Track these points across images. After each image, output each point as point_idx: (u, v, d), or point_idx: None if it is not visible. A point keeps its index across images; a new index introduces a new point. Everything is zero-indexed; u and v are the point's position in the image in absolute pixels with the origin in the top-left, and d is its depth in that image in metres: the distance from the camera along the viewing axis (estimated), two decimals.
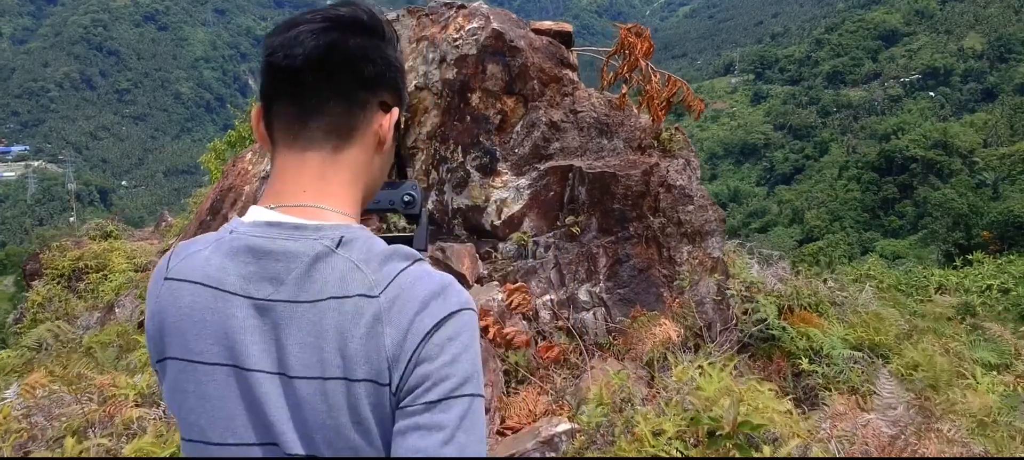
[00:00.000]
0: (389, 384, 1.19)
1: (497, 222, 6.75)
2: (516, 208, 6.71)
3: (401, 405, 1.19)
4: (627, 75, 6.36)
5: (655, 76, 6.14)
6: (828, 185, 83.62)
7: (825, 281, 10.66)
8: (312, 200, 1.29)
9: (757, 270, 9.72)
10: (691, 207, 6.89)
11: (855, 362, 7.87)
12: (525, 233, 6.75)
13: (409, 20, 7.20)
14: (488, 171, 6.76)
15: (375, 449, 1.21)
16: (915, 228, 72.45)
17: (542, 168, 6.68)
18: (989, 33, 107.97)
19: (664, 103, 6.11)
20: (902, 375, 7.72)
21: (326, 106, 1.29)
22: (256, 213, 1.29)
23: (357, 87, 1.30)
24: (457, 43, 6.74)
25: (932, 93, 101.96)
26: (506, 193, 6.75)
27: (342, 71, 1.28)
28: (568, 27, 6.98)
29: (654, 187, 6.73)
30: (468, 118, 6.83)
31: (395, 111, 1.37)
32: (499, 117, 6.76)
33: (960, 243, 58.56)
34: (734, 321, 7.60)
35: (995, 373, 8.40)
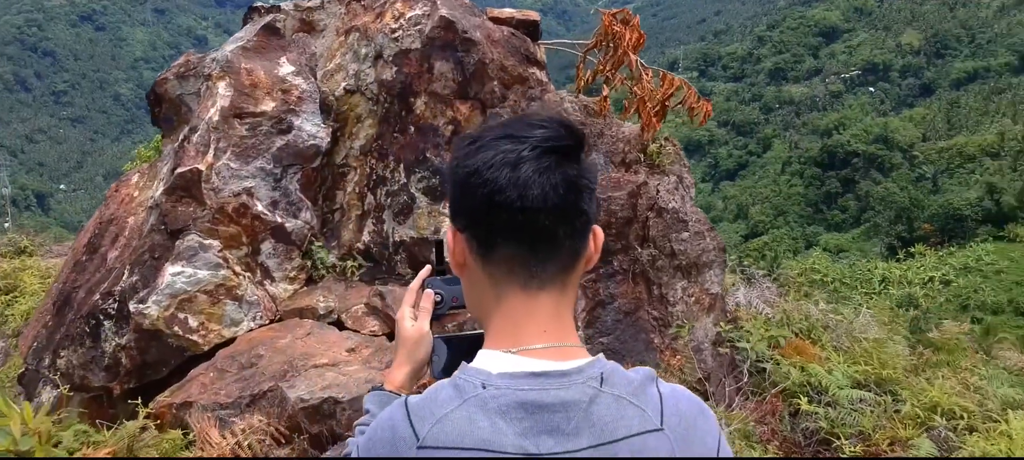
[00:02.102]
0: None
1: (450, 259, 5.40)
2: None
3: None
4: (610, 73, 5.07)
5: (647, 74, 4.87)
6: (772, 181, 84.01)
7: (817, 303, 9.59)
8: (554, 340, 1.29)
9: (743, 292, 8.58)
10: (686, 234, 5.65)
11: (862, 402, 6.74)
12: None
13: (336, 7, 5.83)
14: (438, 195, 5.40)
15: None
16: (858, 222, 73.23)
17: None
18: (925, 29, 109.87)
19: (659, 107, 4.84)
20: (921, 419, 6.61)
21: (560, 245, 1.27)
22: (503, 362, 1.26)
23: (583, 218, 1.28)
24: (396, 35, 5.39)
25: (872, 89, 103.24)
26: None
27: (574, 208, 1.25)
28: (534, 16, 5.68)
29: (642, 211, 5.47)
30: (412, 129, 5.48)
31: (598, 231, 1.34)
32: (450, 127, 5.41)
33: (902, 236, 59.14)
34: (736, 368, 6.40)
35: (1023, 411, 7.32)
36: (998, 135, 76.72)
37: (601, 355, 1.31)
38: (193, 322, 5.13)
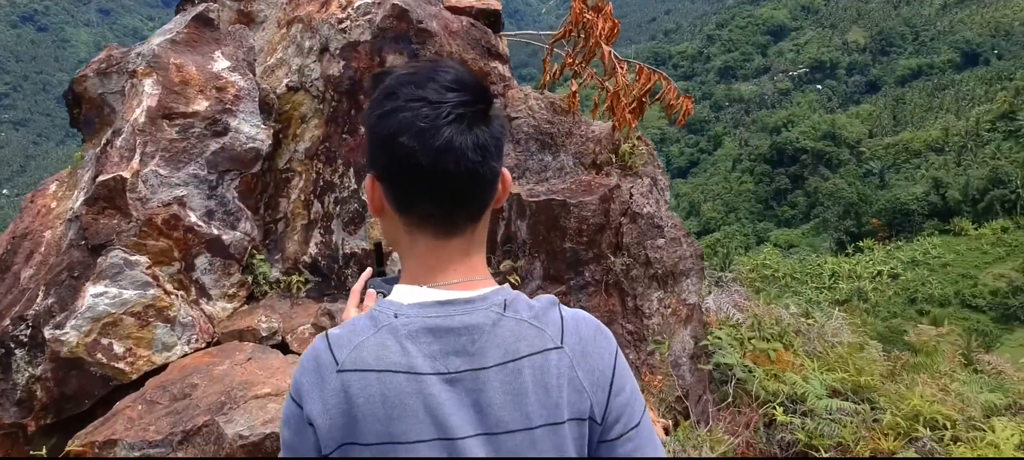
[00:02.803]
0: (593, 418, 1.38)
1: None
2: None
3: (612, 434, 1.40)
4: (580, 67, 4.62)
5: (622, 67, 4.42)
6: (722, 178, 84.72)
7: (787, 306, 9.29)
8: (461, 276, 1.38)
9: (713, 297, 8.23)
10: (662, 241, 5.23)
11: (840, 411, 6.42)
12: None
13: None
14: None
15: None
16: (807, 217, 74.12)
17: None
18: (871, 27, 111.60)
19: (634, 104, 4.39)
20: (903, 429, 6.29)
21: (471, 201, 1.37)
22: (414, 294, 1.37)
23: (492, 173, 1.37)
24: (344, 26, 4.88)
25: (819, 86, 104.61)
26: None
27: (484, 166, 1.34)
28: (496, 5, 5.19)
29: (615, 217, 5.04)
30: (362, 129, 4.98)
31: (507, 175, 1.44)
32: None
33: (851, 231, 59.94)
34: (714, 381, 6.01)
35: (1006, 418, 7.05)
36: (942, 131, 78.18)
37: (506, 284, 1.41)
38: (118, 348, 4.57)
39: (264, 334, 4.82)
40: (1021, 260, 50.86)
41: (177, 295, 4.78)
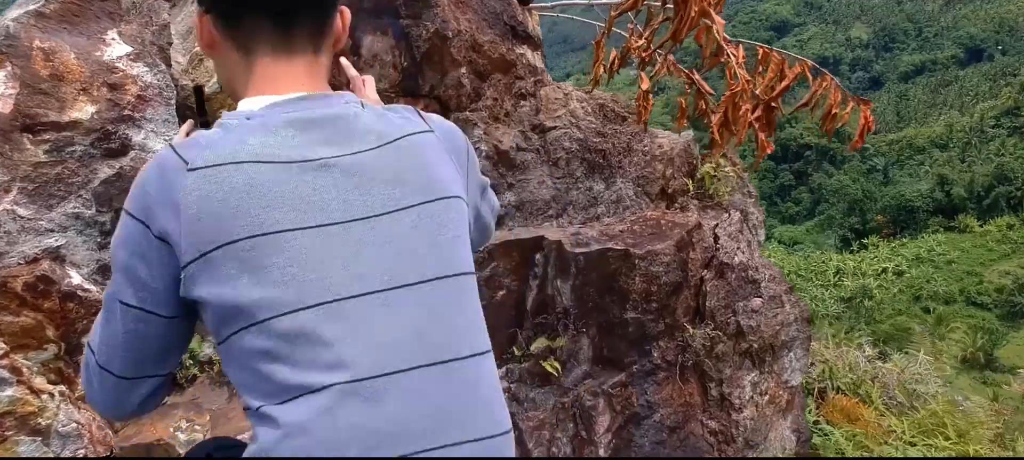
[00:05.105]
0: (462, 196, 1.31)
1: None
2: None
3: (478, 198, 1.44)
4: (656, 51, 3.03)
5: (738, 51, 2.84)
6: None
7: (861, 346, 7.81)
8: (311, 87, 1.29)
9: None
10: (758, 302, 3.66)
11: None
12: None
13: None
14: None
15: (469, 250, 1.29)
16: (811, 214, 73.81)
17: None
18: (874, 23, 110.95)
19: (759, 110, 2.80)
20: None
21: (304, 17, 1.29)
22: (263, 100, 1.26)
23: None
24: None
25: None
26: None
27: None
28: None
29: (695, 271, 3.47)
30: None
31: (345, 10, 1.39)
32: None
33: (855, 228, 58.95)
34: None
35: None
36: (946, 127, 77.75)
37: None
38: None
39: (182, 449, 3.25)
40: None
41: (52, 393, 3.20)
